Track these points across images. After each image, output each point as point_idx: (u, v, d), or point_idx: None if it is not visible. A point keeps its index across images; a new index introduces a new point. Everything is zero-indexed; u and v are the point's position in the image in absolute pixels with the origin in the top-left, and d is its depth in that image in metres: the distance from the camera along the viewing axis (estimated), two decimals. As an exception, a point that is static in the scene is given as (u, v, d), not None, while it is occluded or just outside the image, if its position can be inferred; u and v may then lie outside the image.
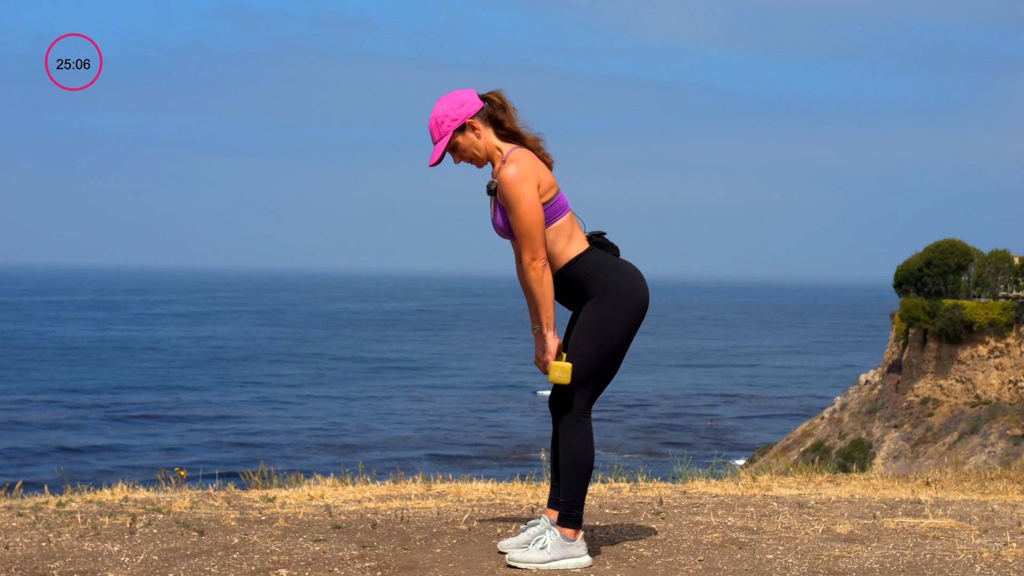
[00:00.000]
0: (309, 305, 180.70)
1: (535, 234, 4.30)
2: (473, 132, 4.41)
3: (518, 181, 4.30)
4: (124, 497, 6.00)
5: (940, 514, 5.68)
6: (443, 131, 4.40)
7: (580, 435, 4.40)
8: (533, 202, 4.30)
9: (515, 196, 4.29)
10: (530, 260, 4.31)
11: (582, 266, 4.40)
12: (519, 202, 4.29)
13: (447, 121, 4.40)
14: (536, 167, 4.37)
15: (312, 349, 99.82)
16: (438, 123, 4.40)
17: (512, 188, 4.29)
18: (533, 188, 4.31)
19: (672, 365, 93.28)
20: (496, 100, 4.45)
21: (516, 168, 4.32)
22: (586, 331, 4.37)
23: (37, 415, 56.94)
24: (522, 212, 4.29)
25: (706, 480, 7.18)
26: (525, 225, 4.29)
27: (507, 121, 4.43)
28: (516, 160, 4.35)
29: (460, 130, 4.41)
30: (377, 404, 66.68)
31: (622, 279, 4.40)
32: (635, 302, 4.39)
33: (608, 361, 4.39)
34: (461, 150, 4.43)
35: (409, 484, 6.72)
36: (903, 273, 55.14)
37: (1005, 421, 48.96)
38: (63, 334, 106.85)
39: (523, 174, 4.31)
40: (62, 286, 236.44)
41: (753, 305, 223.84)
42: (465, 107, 4.41)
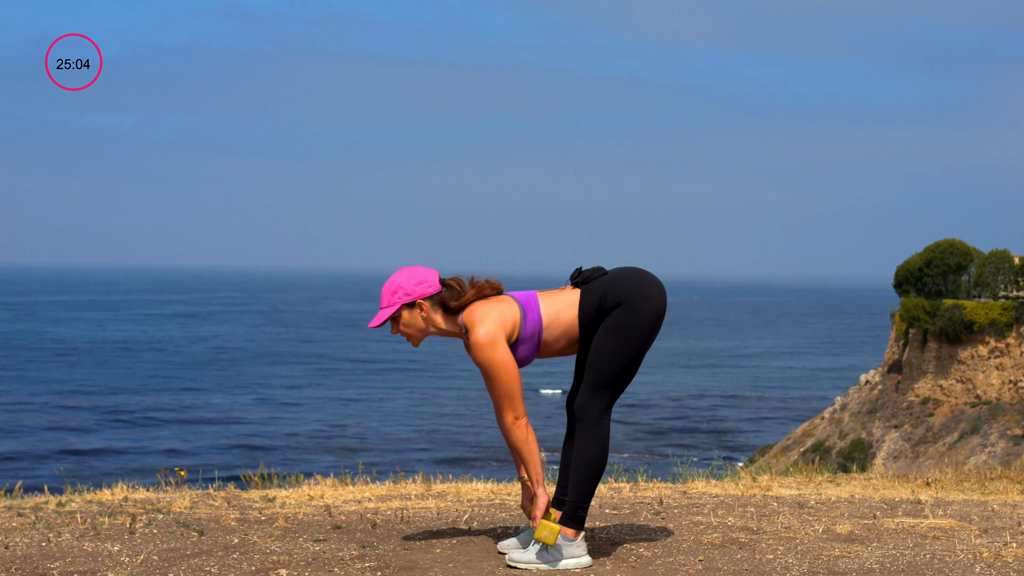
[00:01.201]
0: (309, 305, 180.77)
1: (513, 393, 4.33)
2: (420, 312, 4.45)
3: (484, 345, 4.32)
4: (124, 497, 6.00)
5: (940, 514, 5.68)
6: (393, 301, 4.44)
7: (598, 436, 4.40)
8: (505, 361, 4.32)
9: (486, 361, 4.32)
10: (513, 420, 4.35)
11: (588, 307, 4.43)
12: (492, 366, 4.31)
13: (400, 293, 4.44)
14: (497, 315, 4.37)
15: (312, 349, 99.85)
16: (392, 291, 4.44)
17: (481, 353, 4.32)
18: (502, 345, 4.34)
19: (672, 365, 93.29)
20: (455, 288, 4.47)
21: (482, 332, 4.33)
22: (607, 334, 4.39)
23: (36, 415, 56.96)
24: (496, 374, 4.32)
25: (706, 480, 7.18)
26: (502, 387, 4.32)
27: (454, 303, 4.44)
28: (476, 321, 4.37)
29: (409, 306, 4.45)
30: (377, 404, 66.70)
31: (630, 282, 4.42)
32: (650, 298, 4.41)
33: (629, 362, 4.41)
34: (402, 324, 4.48)
35: (409, 484, 6.72)
36: (903, 273, 55.15)
37: (1005, 421, 48.96)
38: (63, 334, 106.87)
39: (489, 336, 4.33)
40: (62, 286, 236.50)
41: (753, 305, 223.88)
42: (422, 286, 4.45)
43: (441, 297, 4.47)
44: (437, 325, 4.48)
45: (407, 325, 4.47)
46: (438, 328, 4.48)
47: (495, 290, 4.49)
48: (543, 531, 4.34)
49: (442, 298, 4.46)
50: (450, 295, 4.46)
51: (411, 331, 4.48)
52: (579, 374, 4.58)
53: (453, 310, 4.46)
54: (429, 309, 4.46)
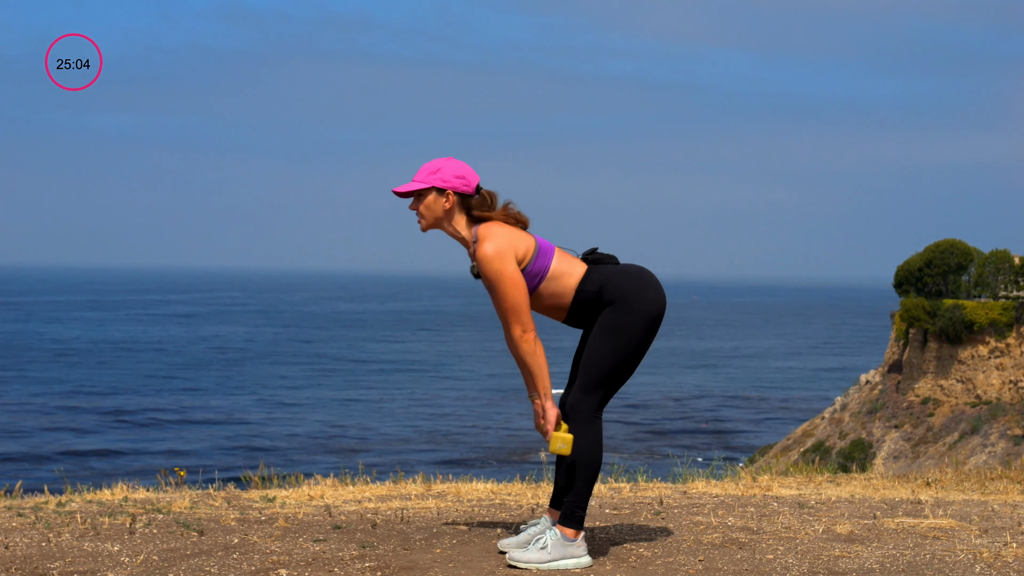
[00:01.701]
0: (309, 305, 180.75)
1: (521, 308, 4.33)
2: (445, 202, 4.46)
3: (493, 258, 4.33)
4: (124, 497, 6.00)
5: (940, 514, 5.68)
6: (427, 180, 4.45)
7: (590, 436, 4.40)
8: (513, 276, 4.33)
9: (495, 274, 4.32)
10: (520, 334, 4.34)
11: (589, 285, 4.42)
12: (500, 279, 4.32)
13: (439, 175, 4.45)
14: (509, 236, 4.39)
15: (312, 349, 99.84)
16: (432, 171, 4.46)
17: (490, 265, 4.33)
18: (511, 261, 4.35)
19: (672, 365, 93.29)
20: (486, 200, 4.49)
21: (491, 245, 4.35)
22: (602, 334, 4.39)
23: (36, 415, 56.95)
24: (504, 289, 4.32)
25: (706, 480, 7.18)
26: (509, 302, 4.32)
27: (478, 211, 4.47)
28: (489, 236, 4.38)
29: (440, 191, 4.45)
30: (377, 404, 66.69)
31: (631, 280, 4.42)
32: (648, 300, 4.40)
33: (623, 363, 4.40)
34: (424, 205, 4.47)
35: (409, 484, 6.72)
36: (903, 273, 55.15)
37: (1005, 421, 48.96)
38: (63, 335, 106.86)
39: (498, 250, 4.34)
40: (62, 286, 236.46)
41: (753, 305, 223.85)
42: (460, 182, 4.46)
43: (470, 202, 4.48)
44: (453, 224, 4.48)
45: (428, 208, 4.47)
46: (452, 228, 4.49)
47: (521, 224, 4.50)
48: (556, 443, 4.34)
49: (471, 203, 4.48)
50: (479, 204, 4.48)
51: (427, 215, 4.47)
52: (573, 374, 4.58)
53: (475, 218, 4.47)
54: (454, 204, 4.46)
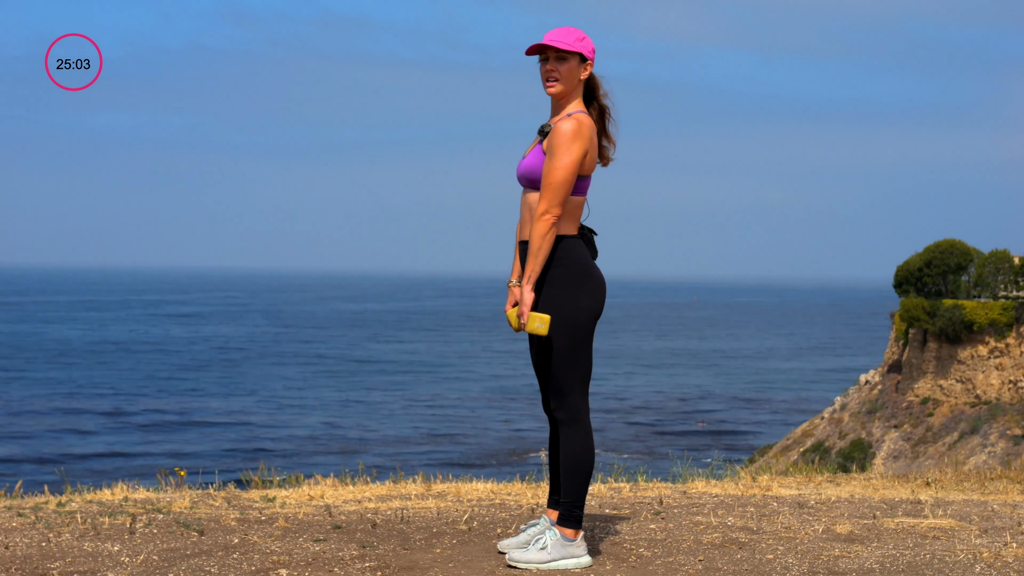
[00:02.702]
0: (309, 305, 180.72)
1: (561, 189, 4.31)
2: (584, 72, 4.44)
3: (573, 137, 4.32)
4: (124, 497, 6.00)
5: (940, 514, 5.68)
6: (577, 46, 4.40)
7: (580, 435, 4.40)
8: (573, 162, 4.32)
9: (562, 147, 4.31)
10: (545, 210, 4.31)
11: (564, 248, 4.39)
12: (564, 154, 4.31)
13: (585, 44, 4.42)
14: (593, 139, 4.41)
15: (313, 349, 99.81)
16: (579, 38, 4.42)
17: (563, 138, 4.32)
18: (581, 150, 4.34)
19: (672, 365, 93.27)
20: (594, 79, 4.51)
21: (576, 125, 4.34)
22: (555, 329, 4.36)
23: (36, 416, 56.93)
24: (559, 165, 4.30)
25: (706, 480, 7.18)
26: (556, 177, 4.31)
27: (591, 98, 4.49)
28: (580, 121, 4.37)
29: (583, 59, 4.43)
30: (377, 404, 66.67)
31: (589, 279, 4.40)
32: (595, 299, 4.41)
33: (582, 351, 4.38)
34: (568, 68, 4.42)
35: (409, 484, 6.72)
36: (903, 273, 55.14)
37: (1005, 421, 48.96)
38: (62, 335, 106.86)
39: (579, 133, 4.34)
40: (62, 286, 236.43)
41: (753, 305, 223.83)
42: (593, 56, 4.46)
43: (589, 79, 4.48)
44: (574, 92, 4.44)
45: (570, 72, 4.41)
46: (568, 93, 4.43)
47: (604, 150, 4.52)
48: (534, 322, 4.31)
49: (590, 82, 4.49)
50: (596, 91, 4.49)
51: (567, 79, 4.42)
52: (539, 376, 4.55)
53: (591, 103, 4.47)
54: (583, 76, 4.44)
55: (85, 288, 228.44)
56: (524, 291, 4.35)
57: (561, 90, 4.42)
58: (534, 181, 4.41)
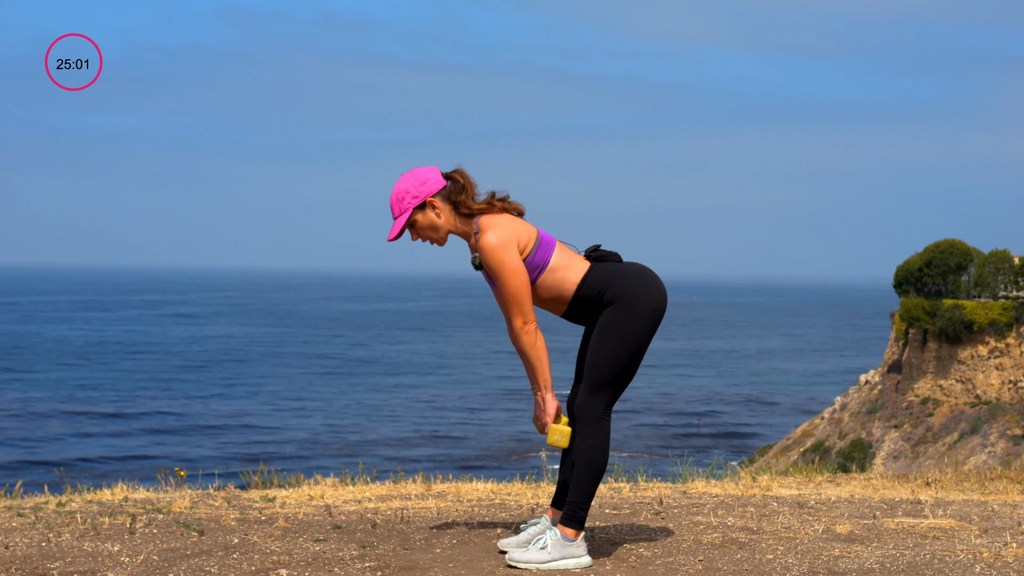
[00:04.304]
0: (309, 305, 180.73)
1: (522, 298, 4.32)
2: (433, 211, 4.41)
3: (496, 248, 4.31)
4: (124, 497, 6.00)
5: (940, 514, 5.68)
6: (403, 207, 4.40)
7: (598, 437, 4.40)
8: (516, 266, 4.32)
9: (496, 264, 4.31)
10: (522, 325, 4.34)
11: (590, 283, 4.41)
12: (502, 269, 4.31)
13: (408, 198, 4.40)
14: (512, 226, 4.38)
15: (312, 349, 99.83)
16: (399, 199, 4.40)
17: (492, 256, 4.31)
18: (514, 251, 4.33)
19: (672, 365, 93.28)
20: (459, 180, 4.44)
21: (493, 234, 4.33)
22: (606, 333, 4.38)
23: (36, 416, 56.93)
24: (506, 278, 4.31)
25: (706, 480, 7.18)
26: (511, 291, 4.31)
27: (463, 204, 4.41)
28: (491, 226, 4.36)
29: (420, 208, 4.41)
30: (377, 404, 66.68)
31: (633, 280, 4.41)
32: (651, 299, 4.40)
33: (628, 362, 4.39)
34: (419, 228, 4.43)
35: (409, 484, 6.72)
36: (903, 273, 55.15)
37: (1005, 421, 48.96)
38: (62, 335, 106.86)
39: (501, 241, 4.32)
40: (62, 286, 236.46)
41: (754, 305, 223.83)
42: (427, 185, 4.41)
43: (448, 191, 4.43)
44: (452, 222, 4.43)
45: (424, 228, 4.43)
46: (453, 226, 4.44)
47: (517, 212, 4.47)
48: (554, 435, 4.34)
49: (448, 192, 4.43)
50: (454, 188, 4.42)
51: (430, 233, 4.44)
52: (579, 374, 4.58)
53: (461, 207, 4.41)
54: (441, 205, 4.42)
55: (85, 288, 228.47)
56: (546, 400, 4.41)
57: (440, 240, 4.45)
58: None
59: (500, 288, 4.34)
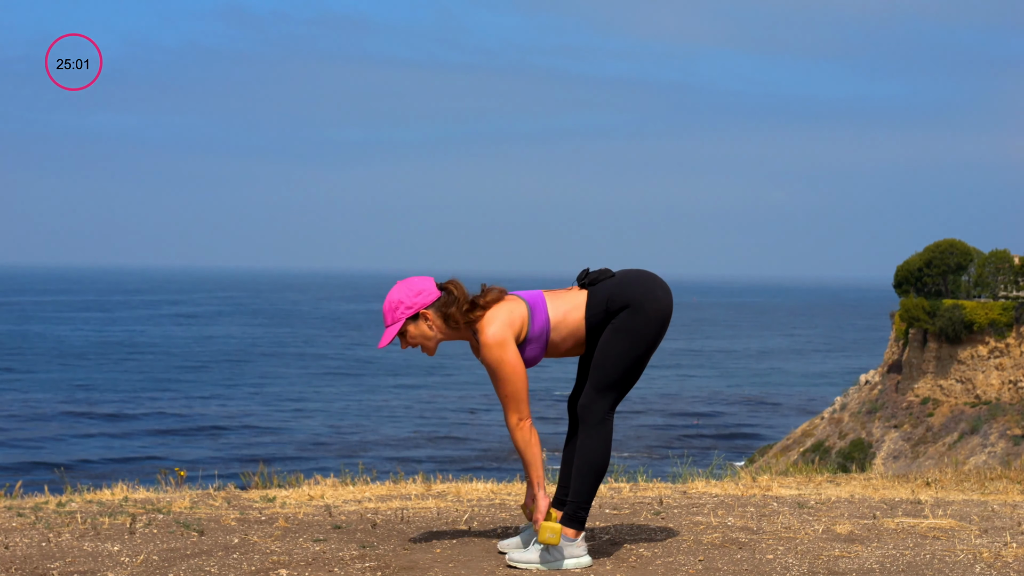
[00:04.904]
0: (309, 305, 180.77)
1: (519, 396, 4.33)
2: (425, 322, 4.43)
3: (493, 346, 4.32)
4: (124, 497, 6.00)
5: (940, 514, 5.68)
6: (396, 317, 4.41)
7: (601, 437, 4.40)
8: (514, 364, 4.32)
9: (495, 362, 4.32)
10: (516, 422, 4.35)
11: (594, 309, 4.43)
12: (500, 367, 4.32)
13: (401, 308, 4.41)
14: (507, 316, 4.37)
15: (312, 349, 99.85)
16: (392, 308, 4.41)
17: (490, 353, 4.33)
18: (511, 347, 4.34)
19: (672, 365, 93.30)
20: (452, 292, 4.43)
21: (492, 331, 4.34)
22: (613, 335, 4.39)
23: (37, 416, 56.94)
24: (504, 376, 4.32)
25: (706, 480, 7.18)
26: (508, 389, 4.33)
27: (452, 318, 4.41)
28: (488, 321, 4.37)
29: (413, 318, 4.42)
30: (377, 404, 66.70)
31: (636, 285, 4.43)
32: (656, 300, 4.42)
33: (634, 364, 4.41)
34: (410, 337, 4.45)
35: (409, 484, 6.72)
36: (903, 273, 55.16)
37: (1005, 421, 48.98)
38: (62, 335, 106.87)
39: (498, 337, 4.33)
40: (62, 286, 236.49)
41: (753, 305, 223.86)
42: (421, 296, 4.42)
43: (441, 303, 4.44)
44: (444, 331, 4.46)
45: (415, 337, 4.45)
46: (448, 335, 4.47)
47: (498, 295, 4.45)
48: (545, 533, 4.35)
49: (441, 304, 4.43)
50: (447, 300, 4.42)
51: (421, 341, 4.46)
52: (582, 375, 4.58)
53: (450, 321, 4.41)
54: (433, 317, 4.43)
55: (85, 288, 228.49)
56: (537, 497, 4.41)
57: (431, 347, 4.46)
58: None
59: (497, 386, 4.35)
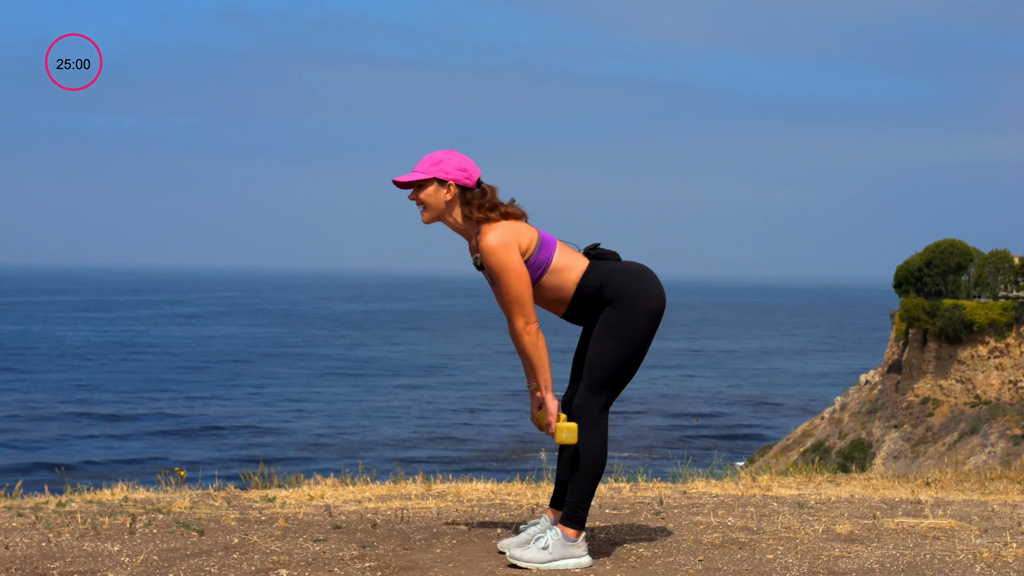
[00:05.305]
0: (310, 305, 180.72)
1: (524, 299, 4.34)
2: (447, 194, 4.43)
3: (498, 249, 4.33)
4: (124, 497, 6.00)
5: (940, 514, 5.68)
6: (430, 170, 4.42)
7: (597, 437, 4.40)
8: (518, 268, 4.34)
9: (499, 265, 4.33)
10: (523, 325, 4.35)
11: (590, 281, 4.42)
12: (505, 270, 4.33)
13: (441, 166, 4.42)
14: (513, 227, 4.39)
15: (312, 349, 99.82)
16: (434, 162, 4.43)
17: (494, 257, 4.33)
18: (516, 252, 4.35)
19: (672, 366, 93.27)
20: (485, 192, 4.45)
21: (495, 236, 4.35)
22: (605, 333, 4.39)
23: (37, 417, 56.92)
24: (509, 280, 4.33)
25: (706, 480, 7.18)
26: (514, 293, 4.33)
27: (472, 211, 4.43)
28: (492, 227, 4.39)
29: (442, 183, 4.43)
30: (377, 404, 66.69)
31: (632, 279, 4.42)
32: (650, 297, 4.41)
33: (627, 362, 4.40)
34: (424, 194, 4.44)
35: (409, 484, 6.72)
36: (903, 273, 55.15)
37: (1005, 421, 48.97)
38: (62, 335, 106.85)
39: (502, 241, 4.34)
40: (62, 286, 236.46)
41: (754, 305, 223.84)
42: (462, 174, 4.44)
43: (470, 195, 4.45)
44: (454, 217, 4.46)
45: (428, 196, 4.44)
46: (453, 220, 4.47)
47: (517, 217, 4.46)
48: (562, 434, 4.34)
49: (470, 196, 4.45)
50: (478, 197, 4.44)
51: (429, 206, 4.45)
52: (576, 374, 4.58)
53: (474, 211, 4.43)
54: (455, 196, 4.44)
55: (85, 288, 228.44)
56: (547, 400, 4.41)
57: (428, 217, 4.46)
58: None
59: (502, 290, 4.35)
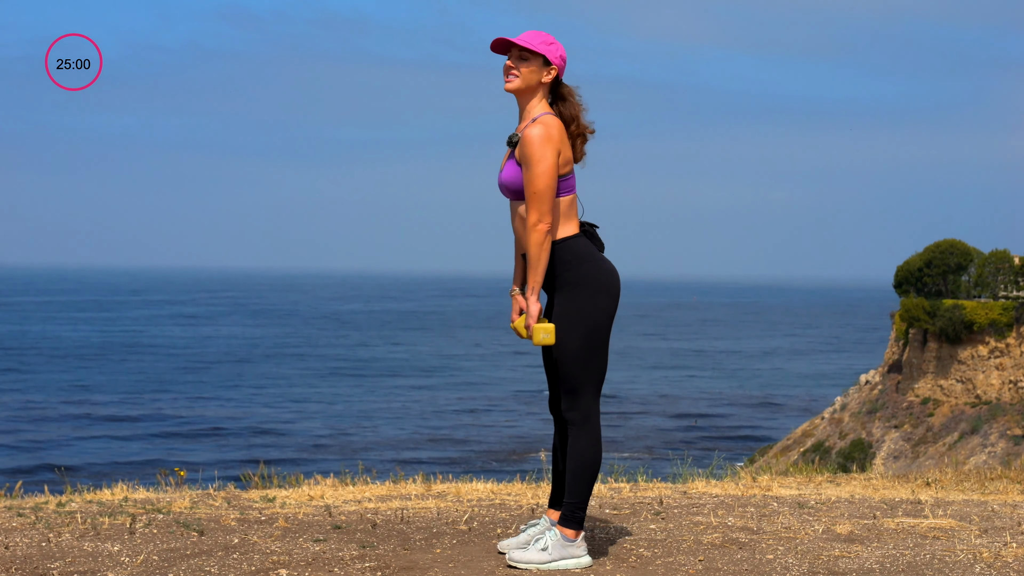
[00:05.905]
0: (310, 305, 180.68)
1: (546, 196, 4.30)
2: (542, 76, 4.43)
3: (543, 142, 4.31)
4: (124, 497, 6.00)
5: (940, 514, 5.68)
6: (543, 48, 4.40)
7: (590, 436, 4.39)
8: (551, 166, 4.31)
9: (536, 155, 4.30)
10: (536, 221, 4.30)
11: (569, 249, 4.39)
12: (539, 162, 4.30)
13: (553, 49, 4.42)
14: (562, 137, 4.39)
15: (312, 349, 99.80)
16: (547, 42, 4.42)
17: (534, 146, 4.31)
18: (554, 154, 4.33)
19: (672, 366, 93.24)
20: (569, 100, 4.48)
21: (543, 129, 4.34)
22: (571, 329, 4.35)
23: (37, 417, 56.92)
24: (538, 173, 4.30)
25: (706, 480, 7.18)
26: (538, 186, 4.30)
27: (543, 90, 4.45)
28: (546, 123, 4.37)
29: (546, 63, 4.42)
30: (377, 404, 66.67)
31: (602, 274, 4.40)
32: (612, 296, 4.40)
33: (594, 356, 4.38)
34: (524, 65, 4.42)
35: (409, 484, 6.72)
36: (903, 273, 55.14)
37: (1005, 421, 48.95)
38: (62, 335, 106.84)
39: (548, 137, 4.33)
40: (62, 286, 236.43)
41: (753, 305, 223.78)
42: (562, 63, 4.46)
43: (558, 90, 4.47)
44: (534, 96, 4.44)
45: (530, 72, 4.42)
46: (529, 97, 4.44)
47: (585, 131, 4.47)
48: (539, 334, 4.30)
49: (556, 90, 4.47)
50: (565, 94, 4.46)
51: (523, 77, 4.42)
52: (549, 372, 4.56)
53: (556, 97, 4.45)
54: (546, 78, 4.43)
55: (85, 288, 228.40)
56: (529, 302, 4.35)
57: (518, 87, 4.42)
58: (516, 192, 4.41)
59: (528, 179, 4.31)
